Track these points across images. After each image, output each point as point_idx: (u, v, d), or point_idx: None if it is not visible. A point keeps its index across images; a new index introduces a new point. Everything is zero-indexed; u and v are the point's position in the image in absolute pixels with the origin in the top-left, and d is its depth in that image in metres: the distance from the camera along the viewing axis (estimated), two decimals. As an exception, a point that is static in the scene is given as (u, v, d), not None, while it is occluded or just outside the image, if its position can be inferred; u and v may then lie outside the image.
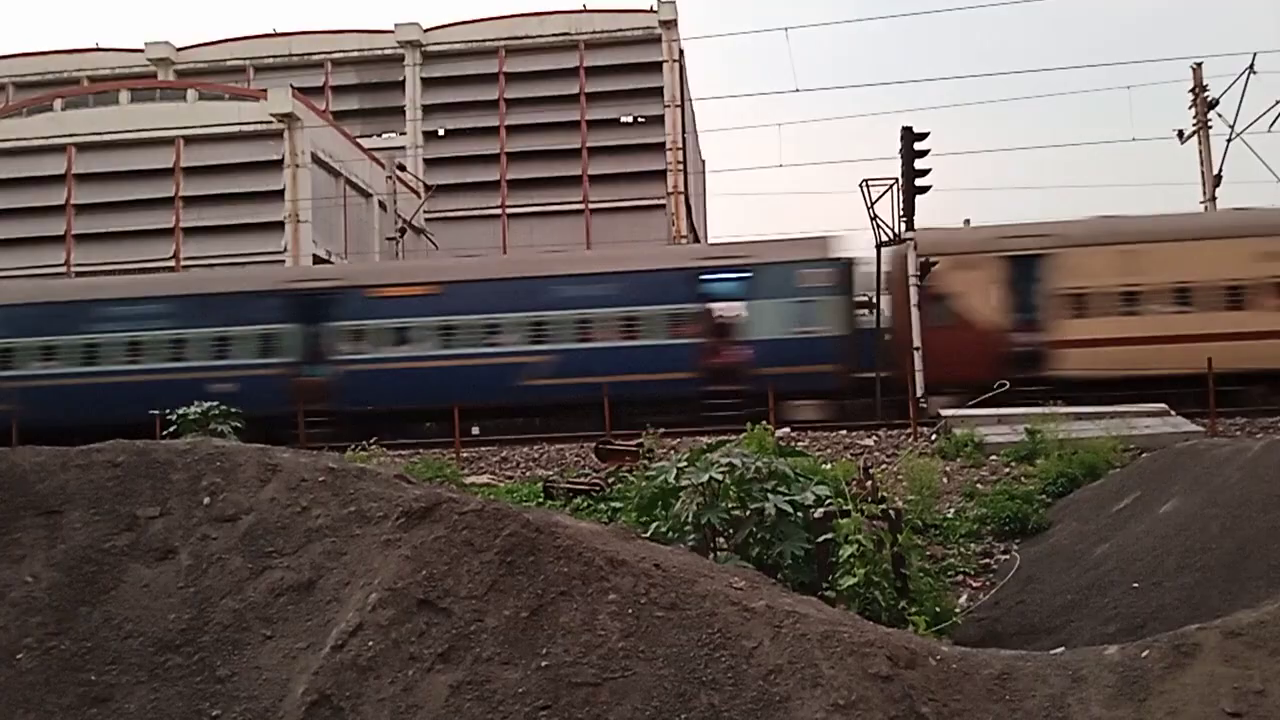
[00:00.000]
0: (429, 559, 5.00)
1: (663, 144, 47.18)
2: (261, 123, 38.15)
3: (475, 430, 21.03)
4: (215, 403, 16.36)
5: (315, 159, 38.65)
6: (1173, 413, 16.70)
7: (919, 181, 22.19)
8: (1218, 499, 8.23)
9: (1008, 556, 10.31)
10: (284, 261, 36.18)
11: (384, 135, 48.79)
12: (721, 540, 8.09)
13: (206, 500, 5.71)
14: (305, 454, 6.22)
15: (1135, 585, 7.59)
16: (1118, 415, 15.67)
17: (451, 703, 4.45)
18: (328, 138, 40.34)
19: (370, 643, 4.71)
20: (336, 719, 4.51)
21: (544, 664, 4.56)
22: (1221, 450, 9.66)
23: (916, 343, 21.43)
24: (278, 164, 38.02)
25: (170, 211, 38.68)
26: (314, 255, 37.30)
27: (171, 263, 37.50)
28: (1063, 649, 5.34)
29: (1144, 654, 4.50)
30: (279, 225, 37.50)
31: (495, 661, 4.58)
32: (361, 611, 4.84)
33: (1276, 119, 27.40)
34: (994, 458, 14.55)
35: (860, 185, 22.47)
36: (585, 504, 13.00)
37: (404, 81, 48.68)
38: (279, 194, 37.74)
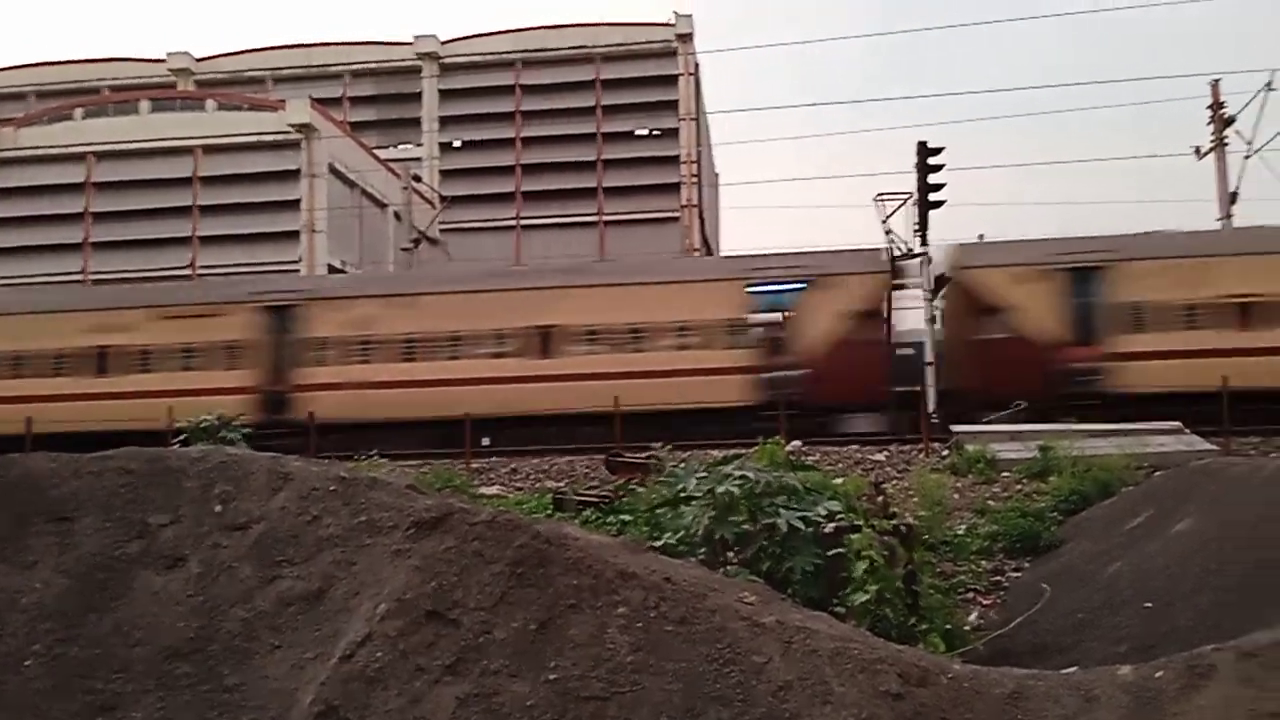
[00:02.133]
0: (439, 570, 4.99)
1: (677, 157, 47.28)
2: (279, 133, 38.47)
3: (486, 441, 21.05)
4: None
5: (332, 169, 38.91)
6: (1187, 431, 16.59)
7: (934, 196, 22.21)
8: (1234, 518, 8.15)
9: (1019, 574, 10.24)
10: (299, 270, 36.37)
11: (400, 146, 49.03)
12: (731, 554, 8.06)
13: (218, 508, 5.72)
14: (317, 463, 6.23)
15: (1148, 605, 7.52)
16: (1131, 433, 15.59)
17: (459, 715, 4.43)
18: (345, 148, 40.60)
19: (379, 653, 4.70)
20: (344, 730, 4.51)
21: (552, 677, 4.54)
22: (1237, 469, 9.59)
23: (929, 358, 21.44)
24: (295, 174, 38.29)
25: (188, 220, 38.98)
26: (329, 265, 37.51)
27: (188, 271, 37.75)
28: (1075, 668, 5.29)
29: (1158, 674, 4.45)
30: (295, 235, 37.74)
31: (503, 674, 4.57)
32: (370, 622, 4.83)
33: (1296, 137, 27.31)
34: (1006, 474, 14.46)
35: (875, 199, 22.51)
36: (594, 516, 12.97)
37: (421, 93, 48.96)
38: (295, 204, 38.01)
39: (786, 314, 22.81)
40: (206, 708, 4.88)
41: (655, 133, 48.39)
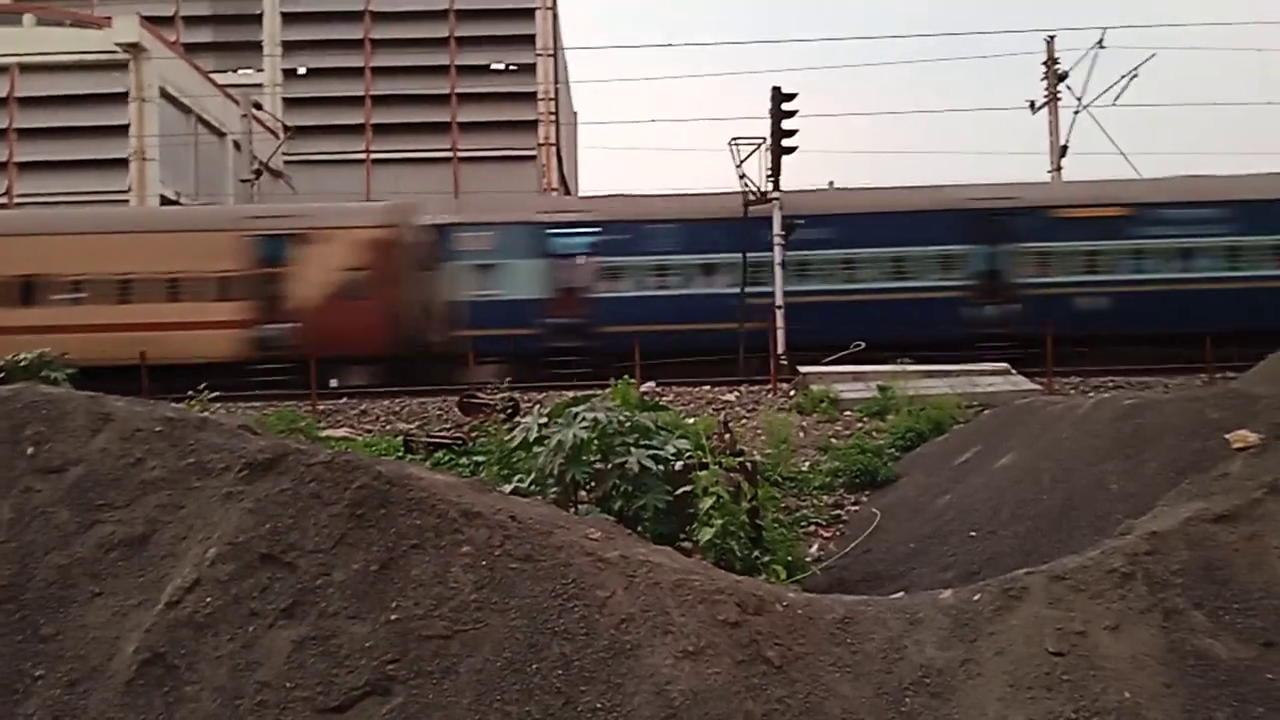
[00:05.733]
0: (273, 512, 4.81)
1: (534, 93, 46.44)
2: (105, 52, 35.70)
3: (333, 383, 20.49)
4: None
5: (164, 93, 36.49)
6: (1014, 372, 17.62)
7: (786, 142, 22.57)
8: (1050, 453, 8.71)
9: (857, 508, 10.69)
10: (127, 201, 34.17)
11: (240, 71, 46.38)
12: (584, 494, 8.11)
13: (30, 450, 5.34)
14: (141, 403, 5.89)
15: (973, 534, 7.97)
16: (963, 374, 16.45)
17: (294, 658, 4.32)
18: (178, 71, 38.13)
19: (208, 599, 4.52)
20: (170, 677, 4.32)
21: (393, 617, 4.47)
22: (1055, 407, 10.21)
23: (779, 302, 21.97)
24: (122, 97, 35.73)
25: (3, 144, 35.97)
26: (161, 195, 35.37)
27: (4, 199, 34.94)
28: (902, 594, 5.57)
29: (976, 597, 4.73)
30: (124, 163, 35.35)
31: (341, 616, 4.47)
32: (199, 567, 4.63)
33: (1121, 93, 29.06)
34: (848, 413, 15.03)
35: (729, 144, 22.73)
36: (446, 458, 12.83)
37: (262, 15, 46.33)
38: (124, 129, 35.52)
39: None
40: (21, 658, 4.59)
41: (512, 67, 47.36)
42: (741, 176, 22.83)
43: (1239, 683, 4.22)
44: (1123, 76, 28.99)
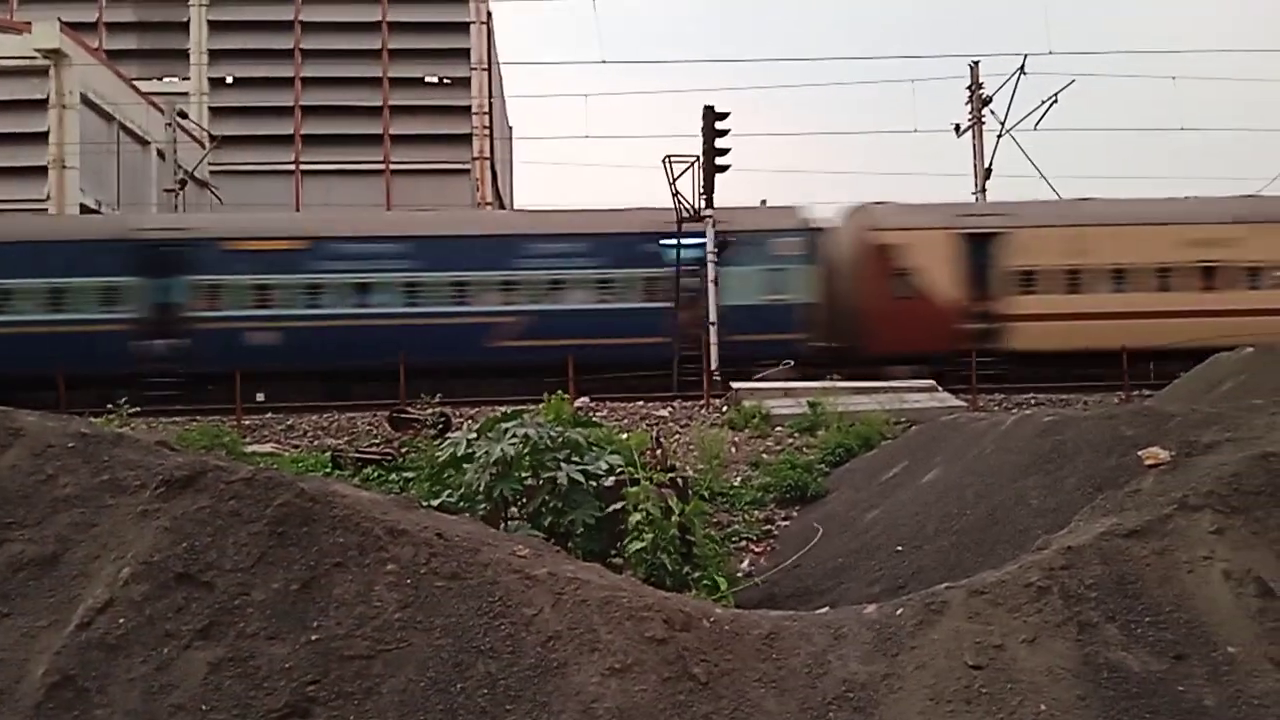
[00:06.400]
0: (191, 530, 4.69)
1: (469, 107, 46.21)
2: (25, 58, 34.65)
3: (260, 397, 20.07)
4: None
5: (85, 100, 35.50)
6: (940, 389, 17.98)
7: (719, 160, 22.80)
8: (974, 468, 8.88)
9: (788, 523, 10.79)
10: (47, 210, 33.14)
11: (165, 79, 45.32)
12: (514, 510, 8.06)
13: (-66, 468, 5.14)
14: (54, 418, 5.71)
15: (899, 548, 8.09)
16: (891, 390, 16.74)
17: (210, 680, 4.20)
18: (100, 78, 37.13)
19: (121, 620, 4.38)
20: (80, 701, 4.18)
21: (314, 638, 4.38)
22: (979, 424, 10.43)
23: (712, 317, 22.12)
24: (42, 104, 34.70)
25: (-87, 150, 34.67)
26: (81, 204, 34.37)
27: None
28: (828, 609, 5.63)
29: (898, 612, 4.80)
30: (43, 170, 34.30)
31: (260, 636, 4.37)
32: (112, 587, 4.49)
33: (1042, 118, 29.92)
34: (779, 429, 15.18)
35: (663, 161, 22.87)
36: (376, 474, 12.65)
37: (188, 22, 45.40)
38: (43, 136, 34.49)
39: None
40: (-81, 686, 4.40)
41: (446, 81, 47.07)
42: (675, 194, 22.97)
43: (1151, 695, 4.33)
44: (1044, 101, 29.85)
